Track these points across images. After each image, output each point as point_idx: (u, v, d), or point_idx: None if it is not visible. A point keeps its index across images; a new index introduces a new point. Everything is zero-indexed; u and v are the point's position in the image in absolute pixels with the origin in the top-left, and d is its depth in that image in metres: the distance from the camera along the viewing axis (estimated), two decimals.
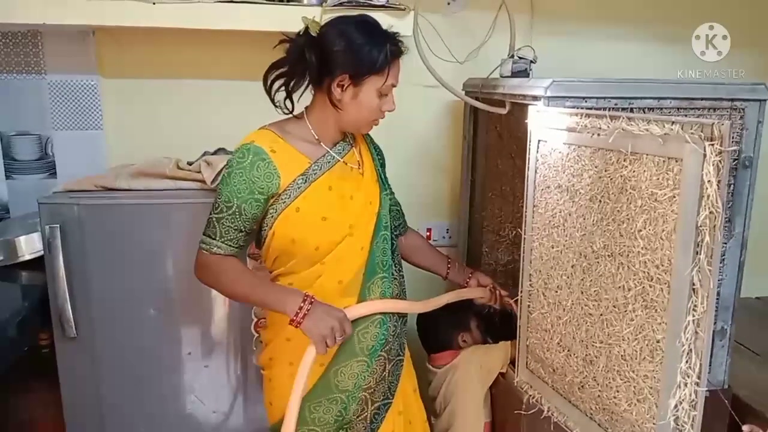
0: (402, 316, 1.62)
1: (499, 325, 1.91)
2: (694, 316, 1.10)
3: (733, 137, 1.56)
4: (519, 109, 1.68)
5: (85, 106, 2.17)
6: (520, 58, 1.92)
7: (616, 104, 1.50)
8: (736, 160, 1.57)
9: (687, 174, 1.09)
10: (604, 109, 1.47)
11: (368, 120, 1.49)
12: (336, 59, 1.41)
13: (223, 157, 1.85)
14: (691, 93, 1.54)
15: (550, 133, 1.45)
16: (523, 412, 1.60)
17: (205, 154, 1.97)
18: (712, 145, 1.04)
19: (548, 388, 1.54)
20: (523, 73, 1.91)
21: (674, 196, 1.12)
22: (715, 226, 1.06)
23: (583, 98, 1.48)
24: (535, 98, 1.54)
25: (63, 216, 1.72)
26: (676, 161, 1.11)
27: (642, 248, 1.20)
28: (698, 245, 1.08)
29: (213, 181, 1.77)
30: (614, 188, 1.26)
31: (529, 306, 1.59)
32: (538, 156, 1.50)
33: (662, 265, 1.15)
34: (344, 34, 1.42)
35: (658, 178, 1.15)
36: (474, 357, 1.83)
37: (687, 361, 1.12)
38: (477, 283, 1.82)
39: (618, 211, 1.25)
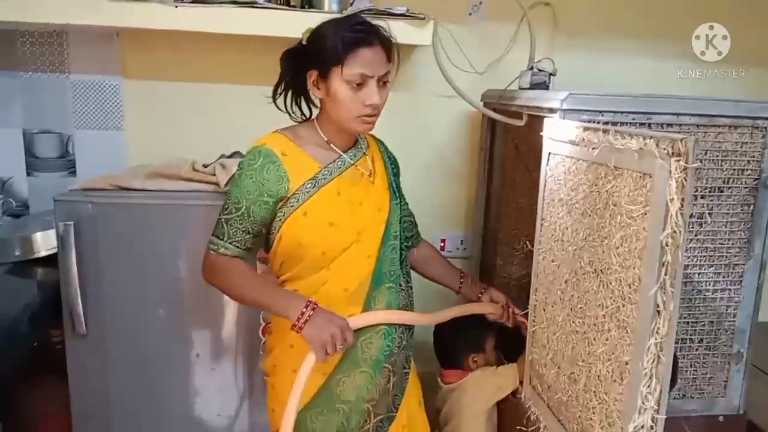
0: (408, 329, 1.60)
1: (515, 343, 1.87)
2: (656, 338, 1.06)
3: (753, 156, 1.53)
4: (536, 121, 1.66)
5: (106, 106, 2.20)
6: (539, 70, 1.91)
7: (633, 119, 1.48)
8: (756, 180, 1.54)
9: (655, 190, 1.05)
10: (621, 124, 1.46)
11: (352, 115, 1.42)
12: (306, 58, 1.43)
13: (237, 160, 1.84)
14: (711, 110, 1.51)
15: (557, 146, 1.44)
16: (525, 429, 1.57)
17: (221, 157, 1.98)
18: (678, 161, 1.00)
19: (544, 405, 1.51)
20: (542, 86, 1.90)
21: (645, 213, 1.08)
22: (678, 246, 1.02)
23: (600, 112, 1.46)
24: (552, 111, 1.53)
25: (78, 213, 1.74)
26: (649, 177, 1.07)
27: (618, 266, 1.16)
28: (663, 265, 1.04)
29: (227, 184, 1.78)
30: (600, 203, 1.23)
31: (533, 321, 1.57)
32: (548, 169, 1.48)
33: (633, 284, 1.12)
34: (316, 31, 1.43)
35: (634, 194, 1.12)
36: (481, 381, 1.81)
37: (648, 386, 1.08)
38: (490, 299, 1.77)
39: (602, 226, 1.22)
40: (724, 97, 1.54)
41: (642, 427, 1.08)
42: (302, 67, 1.46)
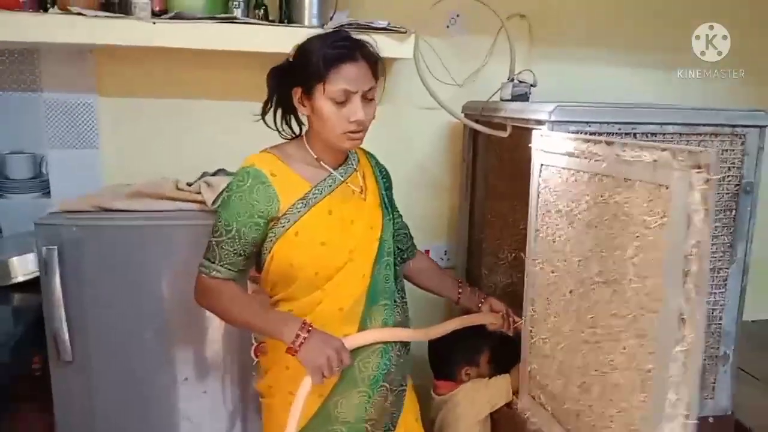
0: (405, 345, 1.59)
1: (507, 354, 1.87)
2: (683, 347, 1.07)
3: (734, 163, 1.57)
4: (519, 132, 1.68)
5: (81, 125, 2.15)
6: (520, 81, 1.93)
7: (619, 129, 1.51)
8: (738, 185, 1.58)
9: (674, 202, 1.07)
10: (608, 134, 1.48)
11: (337, 132, 1.40)
12: (291, 75, 1.43)
13: (223, 178, 1.84)
14: (692, 119, 1.55)
15: (552, 158, 1.45)
16: None
17: (204, 175, 1.96)
18: (699, 172, 1.03)
19: (548, 415, 1.52)
20: (523, 97, 1.92)
21: (663, 224, 1.10)
22: (703, 255, 1.04)
23: (587, 123, 1.49)
24: (539, 122, 1.54)
25: (61, 237, 1.69)
26: (666, 188, 1.09)
27: (634, 276, 1.18)
28: (686, 274, 1.05)
29: (213, 203, 1.76)
30: (609, 214, 1.24)
31: (531, 332, 1.57)
32: (540, 180, 1.50)
33: (652, 294, 1.13)
34: (300, 47, 1.43)
35: (648, 205, 1.13)
36: (474, 392, 1.81)
37: (676, 393, 1.09)
38: (490, 308, 1.76)
39: (612, 237, 1.24)
40: (705, 106, 1.58)
41: None
42: (288, 84, 1.45)
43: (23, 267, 1.89)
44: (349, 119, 1.39)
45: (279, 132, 1.53)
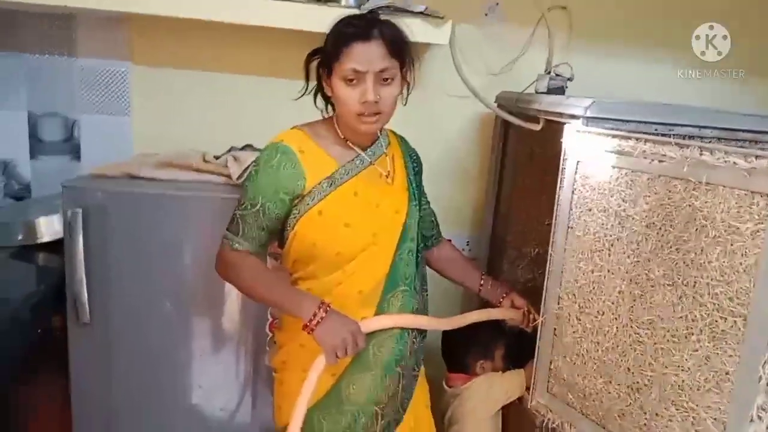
0: (421, 332, 1.59)
1: (525, 349, 1.85)
2: None
3: None
4: (553, 126, 1.65)
5: (113, 92, 2.16)
6: (557, 74, 1.90)
7: (656, 129, 1.47)
8: None
9: None
10: (645, 133, 1.45)
11: (352, 114, 1.39)
12: (320, 58, 1.43)
13: (250, 153, 1.84)
14: (734, 124, 1.51)
15: (593, 155, 1.42)
16: None
17: (231, 149, 1.96)
18: None
19: (575, 413, 1.50)
20: (559, 91, 1.89)
21: (758, 231, 1.11)
22: None
23: (624, 121, 1.45)
24: (573, 117, 1.51)
25: (86, 201, 1.71)
26: (762, 196, 1.10)
27: (713, 279, 1.19)
28: None
29: (239, 177, 1.76)
30: (679, 217, 1.24)
31: (555, 329, 1.55)
32: (577, 177, 1.47)
33: (737, 298, 1.15)
34: (330, 27, 1.41)
35: (738, 211, 1.14)
36: (486, 386, 1.80)
37: (765, 396, 1.12)
38: (511, 303, 1.73)
39: (684, 240, 1.24)
40: (749, 110, 1.54)
41: None
42: (319, 66, 1.45)
43: (49, 228, 1.91)
44: (360, 100, 1.37)
45: (321, 111, 1.51)
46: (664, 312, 1.28)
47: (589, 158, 1.44)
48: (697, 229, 1.21)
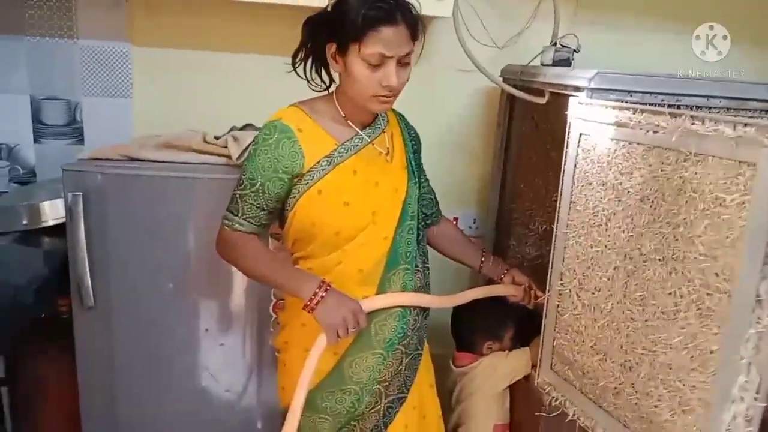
0: (423, 310, 1.57)
1: (533, 328, 1.84)
2: (757, 329, 1.04)
3: None
4: (559, 99, 1.61)
5: (115, 74, 2.15)
6: (563, 46, 1.85)
7: (662, 100, 1.43)
8: None
9: (761, 179, 1.02)
10: (650, 104, 1.41)
11: (368, 95, 1.36)
12: (327, 28, 1.37)
13: (250, 133, 1.81)
14: (743, 93, 1.47)
15: (594, 127, 1.38)
16: (543, 414, 1.55)
17: (232, 129, 1.94)
18: None
19: (575, 391, 1.48)
20: (565, 63, 1.84)
21: (743, 203, 1.05)
22: None
23: (629, 92, 1.42)
24: (578, 89, 1.48)
25: (86, 184, 1.70)
26: (749, 165, 1.04)
27: (700, 254, 1.13)
28: (767, 255, 1.02)
29: (239, 158, 1.74)
30: (671, 189, 1.19)
31: (558, 306, 1.53)
32: (579, 150, 1.43)
33: (723, 274, 1.10)
34: (338, 1, 1.36)
35: (725, 182, 1.08)
36: (493, 364, 1.79)
37: (746, 376, 1.07)
38: (512, 280, 1.72)
39: (674, 213, 1.19)
40: (757, 80, 1.49)
41: (738, 416, 1.09)
42: (323, 35, 1.39)
43: (53, 211, 1.91)
44: (382, 83, 1.34)
45: (308, 81, 1.47)
46: (655, 288, 1.24)
47: (590, 131, 1.40)
48: (687, 202, 1.16)
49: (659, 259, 1.23)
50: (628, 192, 1.30)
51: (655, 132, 1.21)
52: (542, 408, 1.59)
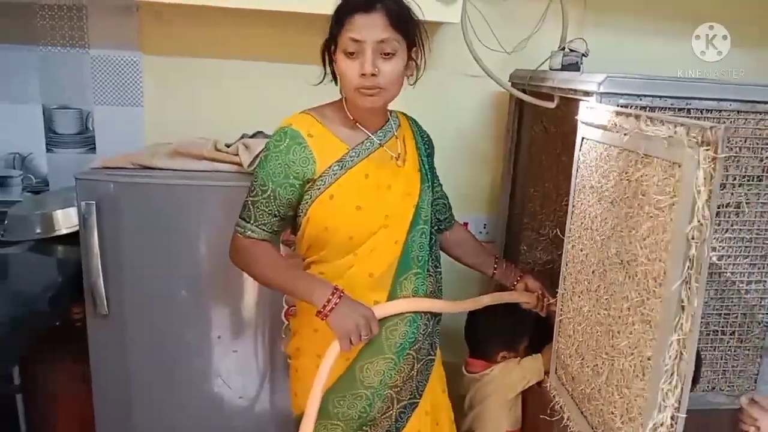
0: (435, 315, 1.57)
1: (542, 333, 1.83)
2: (679, 334, 1.02)
3: None
4: (568, 104, 1.61)
5: (126, 82, 2.17)
6: (571, 50, 1.84)
7: (672, 104, 1.42)
8: None
9: (684, 181, 1.00)
10: (659, 109, 1.41)
11: (352, 87, 1.36)
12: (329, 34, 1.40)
13: (261, 140, 1.82)
14: (751, 95, 1.46)
15: (591, 131, 1.38)
16: (549, 418, 1.55)
17: (243, 136, 1.95)
18: (707, 150, 0.95)
19: (568, 396, 1.48)
20: (574, 67, 1.83)
21: (673, 204, 1.04)
22: (704, 239, 0.97)
23: (638, 96, 1.41)
24: (587, 94, 1.47)
25: (99, 192, 1.72)
26: (678, 166, 1.02)
27: (644, 258, 1.12)
28: (689, 258, 0.99)
29: (250, 165, 1.75)
30: (630, 192, 1.18)
31: (561, 310, 1.53)
32: (580, 155, 1.43)
33: (659, 278, 1.08)
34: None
35: (662, 184, 1.07)
36: (506, 370, 1.79)
37: (669, 383, 1.04)
38: (525, 287, 1.71)
39: (630, 216, 1.18)
40: (758, 80, 1.49)
41: (662, 424, 1.06)
42: (328, 41, 1.42)
43: (66, 220, 1.94)
44: (359, 72, 1.34)
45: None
46: (615, 292, 1.22)
47: (589, 135, 1.40)
48: (638, 204, 1.14)
49: (618, 263, 1.22)
50: (605, 195, 1.29)
51: (624, 134, 1.19)
52: (554, 413, 1.58)
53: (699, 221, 0.97)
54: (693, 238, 0.98)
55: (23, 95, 2.13)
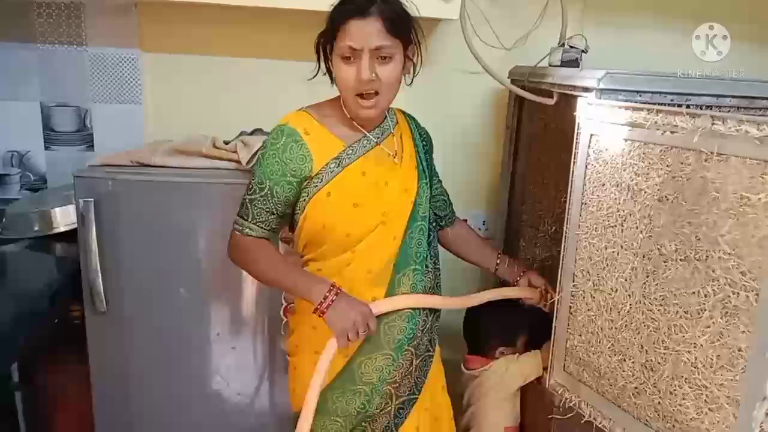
0: (433, 311, 1.57)
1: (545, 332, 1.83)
2: None
3: None
4: (568, 100, 1.61)
5: (124, 80, 2.16)
6: (570, 47, 1.84)
7: (672, 100, 1.43)
8: None
9: None
10: (659, 104, 1.40)
11: (350, 94, 1.37)
12: (325, 35, 1.40)
13: (260, 137, 1.82)
14: (751, 91, 1.46)
15: (605, 128, 1.38)
16: (557, 416, 1.55)
17: (242, 133, 1.95)
18: None
19: (591, 392, 1.48)
20: (574, 63, 1.83)
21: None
22: None
23: (638, 92, 1.41)
24: (586, 90, 1.47)
25: (97, 190, 1.72)
26: None
27: (725, 253, 1.14)
28: None
29: (248, 162, 1.75)
30: (691, 190, 1.20)
31: (571, 307, 1.52)
32: (590, 151, 1.43)
33: (750, 272, 1.10)
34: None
35: (750, 182, 1.09)
36: (503, 368, 1.78)
37: None
38: (528, 282, 1.71)
39: (696, 214, 1.19)
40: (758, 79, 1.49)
41: None
42: (324, 42, 1.42)
43: (65, 218, 1.93)
44: (356, 78, 1.34)
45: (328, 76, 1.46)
46: (677, 288, 1.24)
47: (601, 131, 1.39)
48: (708, 202, 1.16)
49: (681, 259, 1.23)
50: (645, 192, 1.30)
51: (672, 132, 1.21)
52: (554, 410, 1.58)
53: None
54: None
55: (21, 93, 2.12)
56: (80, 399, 1.87)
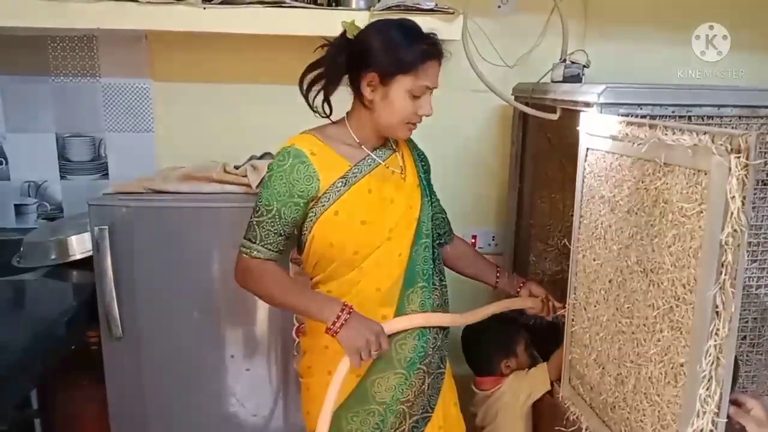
0: (443, 329, 1.58)
1: (551, 339, 1.83)
2: (715, 340, 1.02)
3: None
4: (570, 115, 1.62)
5: (136, 109, 2.22)
6: (572, 62, 1.86)
7: (673, 112, 1.43)
8: None
9: (712, 188, 1.01)
10: (660, 117, 1.42)
11: (401, 123, 1.43)
12: (366, 58, 1.40)
13: (268, 161, 1.85)
14: (752, 101, 1.46)
15: (597, 142, 1.40)
16: (564, 430, 1.54)
17: (251, 158, 1.98)
18: (738, 158, 0.96)
19: (586, 406, 1.48)
20: (576, 78, 1.85)
21: (701, 212, 1.04)
22: (739, 245, 0.98)
23: (638, 105, 1.42)
24: (588, 104, 1.49)
25: (112, 217, 1.75)
26: (705, 174, 1.03)
27: (671, 265, 1.13)
28: (722, 265, 1.00)
29: (258, 185, 1.78)
30: (649, 200, 1.19)
31: (572, 320, 1.53)
32: (586, 165, 1.44)
33: (688, 285, 1.08)
34: (379, 33, 1.41)
35: (687, 192, 1.08)
36: (516, 385, 1.79)
37: (707, 389, 1.05)
38: (529, 293, 1.73)
39: (651, 224, 1.19)
40: (759, 80, 1.49)
41: (701, 430, 1.06)
42: (360, 64, 1.41)
43: (81, 245, 1.96)
44: (417, 112, 1.42)
45: (310, 107, 1.49)
46: (638, 300, 1.23)
47: (594, 145, 1.41)
48: (660, 213, 1.15)
49: (641, 271, 1.22)
50: (619, 204, 1.30)
51: (639, 144, 1.20)
52: (562, 423, 1.58)
53: (734, 228, 0.98)
54: (727, 244, 0.99)
55: (37, 125, 2.18)
56: (98, 423, 1.89)
